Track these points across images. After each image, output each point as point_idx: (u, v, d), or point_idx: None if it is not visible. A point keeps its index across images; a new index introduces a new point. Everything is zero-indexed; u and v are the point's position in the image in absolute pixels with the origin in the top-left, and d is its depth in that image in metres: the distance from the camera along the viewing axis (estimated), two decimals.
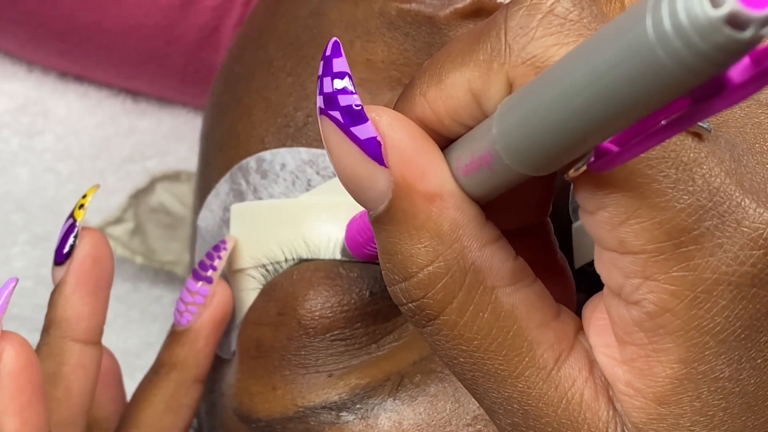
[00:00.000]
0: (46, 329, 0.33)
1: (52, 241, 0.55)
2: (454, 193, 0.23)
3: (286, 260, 0.37)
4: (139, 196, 0.57)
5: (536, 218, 0.26)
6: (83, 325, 0.33)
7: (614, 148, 0.20)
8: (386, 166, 0.23)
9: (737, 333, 0.22)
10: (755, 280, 0.21)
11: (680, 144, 0.21)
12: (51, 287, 0.34)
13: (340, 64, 0.23)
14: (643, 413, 0.22)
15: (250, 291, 0.38)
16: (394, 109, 0.24)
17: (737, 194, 0.21)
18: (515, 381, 0.23)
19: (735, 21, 0.16)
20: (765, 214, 0.21)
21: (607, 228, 0.22)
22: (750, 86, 0.17)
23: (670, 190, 0.21)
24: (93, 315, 0.33)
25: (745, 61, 0.17)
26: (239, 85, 0.41)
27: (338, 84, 0.23)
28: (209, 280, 0.37)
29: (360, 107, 0.23)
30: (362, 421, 0.34)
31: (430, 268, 0.23)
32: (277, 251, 0.37)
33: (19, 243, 0.56)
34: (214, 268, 0.37)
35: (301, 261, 0.36)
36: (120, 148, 0.58)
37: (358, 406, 0.34)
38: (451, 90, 0.23)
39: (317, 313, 0.35)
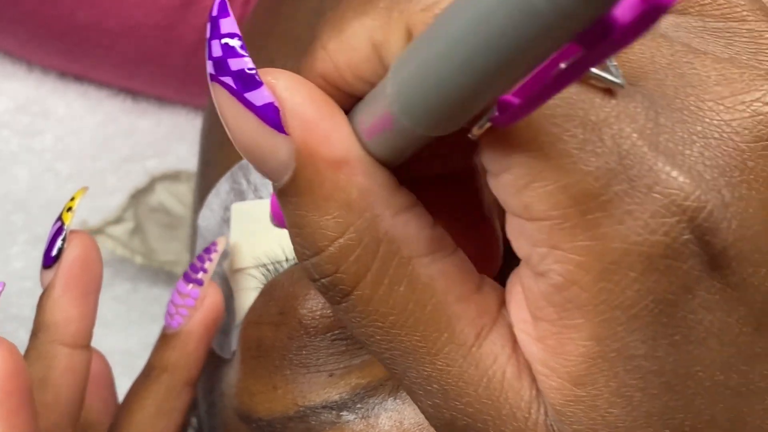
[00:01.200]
0: (35, 333, 0.33)
1: None
2: (362, 158, 0.21)
3: (287, 259, 0.37)
4: (138, 195, 0.57)
5: (462, 163, 0.24)
6: (72, 328, 0.33)
7: (515, 101, 0.18)
8: (286, 134, 0.21)
9: (650, 308, 0.20)
10: (668, 251, 0.19)
11: (589, 102, 0.19)
12: (41, 286, 0.34)
13: (228, 24, 0.21)
14: (559, 394, 0.21)
15: (250, 290, 0.38)
16: (301, 66, 0.22)
17: (650, 157, 0.19)
18: (434, 359, 0.21)
19: None
20: (680, 178, 0.19)
21: (511, 191, 0.20)
22: (637, 27, 0.16)
23: (576, 152, 0.19)
24: (82, 318, 0.33)
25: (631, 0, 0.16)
26: None
27: (227, 47, 0.21)
28: (200, 283, 0.37)
29: (253, 70, 0.21)
30: (363, 420, 0.34)
31: (341, 240, 0.21)
32: (278, 250, 0.37)
33: (18, 243, 0.56)
34: (205, 271, 0.37)
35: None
36: (120, 148, 0.58)
37: (358, 405, 0.34)
38: (351, 41, 0.21)
39: (318, 313, 0.34)
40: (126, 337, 0.56)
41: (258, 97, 0.21)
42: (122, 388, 0.41)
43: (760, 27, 0.22)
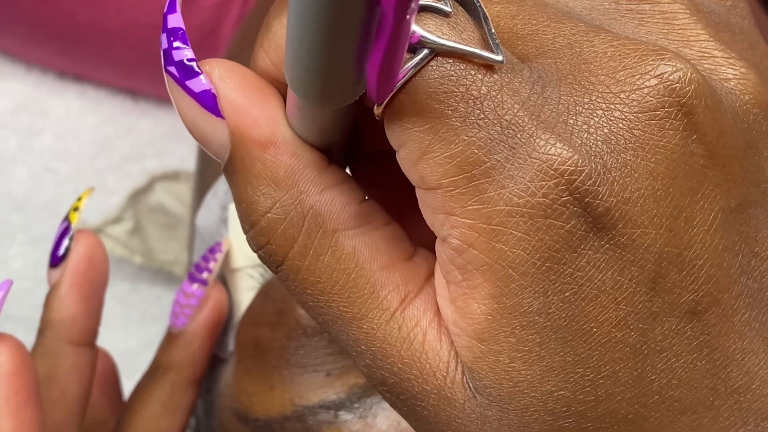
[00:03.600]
0: (42, 331, 0.33)
1: (50, 242, 0.55)
2: (288, 140, 0.23)
3: None
4: (138, 195, 0.57)
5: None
6: (78, 327, 0.33)
7: (373, 72, 0.20)
8: (222, 117, 0.23)
9: (538, 265, 0.21)
10: (548, 211, 0.21)
11: (471, 78, 0.21)
12: (48, 285, 0.34)
13: (174, 19, 0.23)
14: (469, 352, 0.22)
15: (248, 290, 0.38)
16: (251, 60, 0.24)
17: (530, 126, 0.21)
18: (359, 323, 0.23)
19: None
20: (557, 144, 0.21)
21: (409, 165, 0.22)
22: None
23: (459, 124, 0.21)
24: (88, 317, 0.33)
25: None
26: None
27: (172, 39, 0.23)
28: (204, 283, 0.37)
29: (192, 61, 0.23)
30: (360, 420, 0.34)
31: (270, 214, 0.23)
32: None
33: (17, 243, 0.56)
34: (210, 271, 0.37)
35: None
36: (119, 148, 0.58)
37: (356, 405, 0.34)
38: (276, 38, 0.23)
39: None
40: (125, 337, 0.56)
41: (196, 84, 0.23)
42: (122, 388, 0.41)
43: (673, 8, 0.23)
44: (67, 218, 0.34)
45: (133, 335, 0.57)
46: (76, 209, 0.34)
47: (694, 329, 0.22)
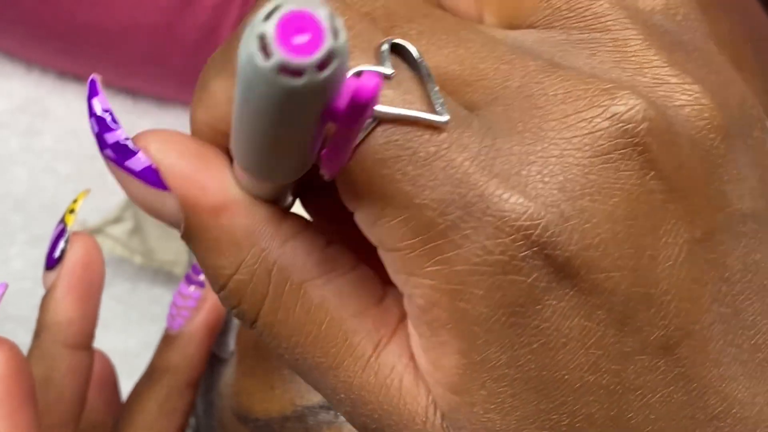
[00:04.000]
0: (38, 334, 0.33)
1: None
2: (239, 200, 0.23)
3: None
4: None
5: None
6: (74, 329, 0.33)
7: (325, 153, 0.20)
8: (169, 190, 0.23)
9: (502, 321, 0.21)
10: (507, 267, 0.21)
11: (417, 140, 0.21)
12: (43, 288, 0.34)
13: (99, 102, 0.23)
14: (444, 402, 0.22)
15: None
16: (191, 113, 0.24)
17: (481, 182, 0.21)
18: (336, 372, 0.23)
19: (288, 69, 0.16)
20: (511, 199, 0.21)
21: (365, 228, 0.22)
22: (351, 120, 0.18)
23: (409, 188, 0.21)
24: (84, 319, 0.33)
25: (348, 91, 0.17)
26: None
27: (101, 123, 0.23)
28: (201, 285, 0.37)
29: (127, 140, 0.23)
30: None
31: (236, 276, 0.23)
32: None
33: (17, 243, 0.56)
34: None
35: None
36: None
37: None
38: (215, 98, 0.23)
39: None
40: (125, 337, 0.56)
41: (136, 163, 0.23)
42: (121, 388, 0.41)
43: (626, 35, 0.22)
44: (62, 220, 0.34)
45: (133, 335, 0.56)
46: (71, 211, 0.34)
47: (668, 364, 0.22)
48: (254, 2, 0.54)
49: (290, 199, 0.25)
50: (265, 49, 0.16)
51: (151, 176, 0.23)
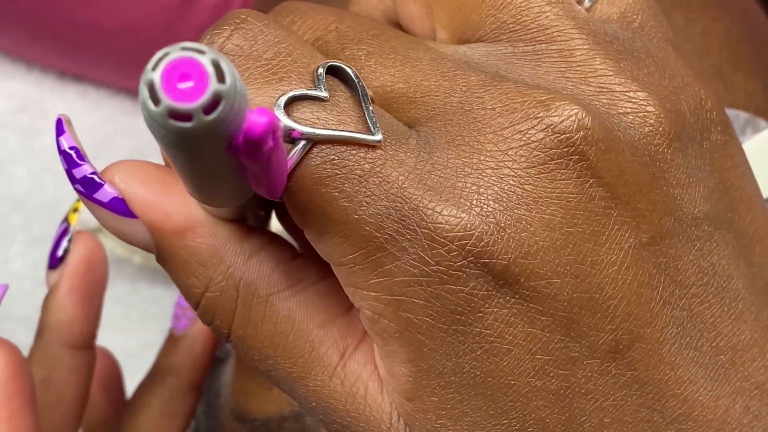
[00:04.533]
0: (39, 334, 0.33)
1: (50, 242, 0.55)
2: (202, 221, 0.24)
3: None
4: None
5: None
6: (76, 329, 0.33)
7: (259, 189, 0.21)
8: (136, 218, 0.24)
9: (444, 328, 0.22)
10: (444, 277, 0.21)
11: (352, 158, 0.21)
12: (46, 287, 0.34)
13: (65, 140, 0.24)
14: (401, 408, 0.23)
15: None
16: None
17: (416, 195, 0.21)
18: (305, 381, 0.24)
19: (177, 114, 0.17)
20: (445, 211, 0.21)
21: (313, 244, 0.23)
22: (250, 155, 0.18)
23: (346, 204, 0.21)
24: (86, 320, 0.33)
25: (243, 128, 0.18)
26: None
27: (69, 159, 0.24)
28: None
29: (93, 174, 0.24)
30: None
31: (207, 293, 0.24)
32: None
33: (17, 243, 0.56)
34: None
35: None
36: (119, 148, 0.58)
37: None
38: None
39: None
40: (125, 337, 0.56)
41: (103, 194, 0.24)
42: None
43: (570, 45, 0.23)
44: (66, 219, 0.34)
45: (133, 335, 0.56)
46: (75, 210, 0.34)
47: (619, 367, 0.22)
48: (253, 2, 0.54)
49: (261, 213, 0.26)
50: (154, 96, 0.17)
51: (119, 206, 0.24)
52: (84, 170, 0.24)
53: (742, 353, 0.23)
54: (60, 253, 0.33)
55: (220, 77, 0.17)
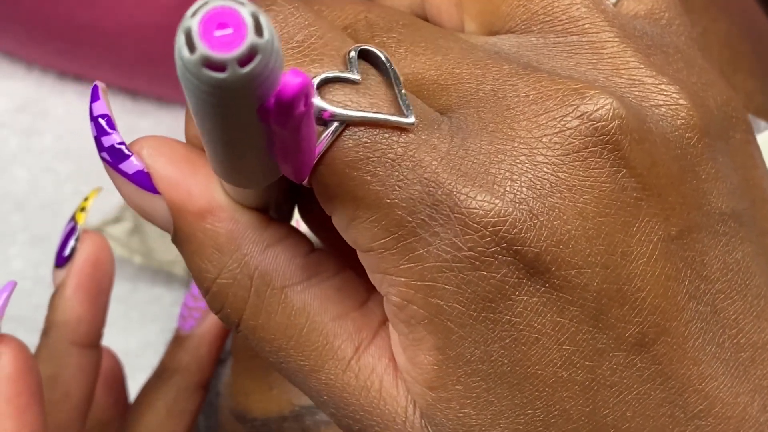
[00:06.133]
0: (46, 332, 0.33)
1: (51, 242, 0.55)
2: (224, 206, 0.24)
3: None
4: None
5: None
6: (83, 328, 0.33)
7: (288, 166, 0.21)
8: (159, 194, 0.24)
9: (474, 315, 0.22)
10: (476, 263, 0.21)
11: (385, 142, 0.21)
12: (50, 287, 0.34)
13: (98, 107, 0.24)
14: (422, 399, 0.23)
15: None
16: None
17: (450, 181, 0.21)
18: (317, 375, 0.24)
19: (212, 63, 0.17)
20: (478, 196, 0.21)
21: (341, 230, 0.22)
22: (280, 119, 0.18)
23: (379, 188, 0.21)
24: (93, 318, 0.33)
25: (276, 89, 0.18)
26: None
27: (99, 126, 0.24)
28: None
29: (121, 144, 0.24)
30: None
31: (219, 280, 0.24)
32: None
33: (17, 243, 0.56)
34: None
35: None
36: None
37: None
38: None
39: None
40: (126, 337, 0.56)
41: (129, 166, 0.24)
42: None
43: (601, 38, 0.23)
44: (73, 218, 0.34)
45: (133, 335, 0.56)
46: (83, 209, 0.34)
47: (644, 360, 0.22)
48: (256, 2, 0.54)
49: (284, 207, 0.26)
50: (190, 43, 0.17)
51: (143, 180, 0.24)
52: (113, 139, 0.24)
53: (762, 351, 0.23)
54: (67, 252, 0.34)
55: (258, 30, 0.17)
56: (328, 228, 0.25)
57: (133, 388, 0.39)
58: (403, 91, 0.22)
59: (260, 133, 0.19)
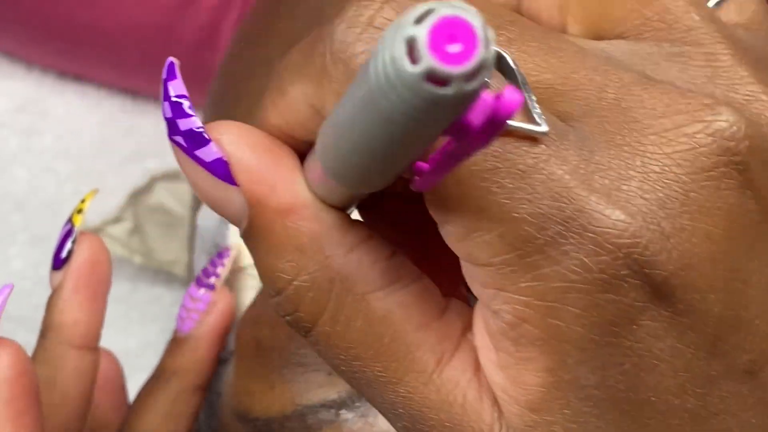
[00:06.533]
0: (44, 334, 0.33)
1: (50, 242, 0.55)
2: (309, 204, 0.22)
3: None
4: (138, 195, 0.56)
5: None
6: (80, 330, 0.33)
7: (426, 168, 0.19)
8: (237, 185, 0.22)
9: (597, 340, 0.20)
10: (606, 286, 0.20)
11: (515, 152, 0.20)
12: (50, 288, 0.34)
13: (176, 86, 0.22)
14: (519, 419, 0.21)
15: (248, 290, 0.38)
16: (259, 115, 0.23)
17: (582, 196, 0.20)
18: (396, 387, 0.22)
19: (434, 77, 0.15)
20: (612, 215, 0.20)
21: (454, 241, 0.21)
22: (483, 136, 0.17)
23: (507, 201, 0.20)
24: (90, 320, 0.33)
25: (484, 105, 0.16)
26: (239, 85, 0.41)
27: (176, 107, 0.22)
28: (212, 288, 0.37)
29: (201, 129, 0.22)
30: (361, 419, 0.34)
31: (296, 282, 0.22)
32: None
33: (17, 243, 0.56)
34: (217, 276, 0.37)
35: None
36: (119, 148, 0.58)
37: (357, 404, 0.34)
38: (293, 103, 0.22)
39: None
40: (126, 337, 0.56)
41: (207, 153, 0.22)
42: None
43: (717, 49, 0.22)
44: (70, 220, 0.34)
45: (133, 335, 0.56)
46: (79, 211, 0.34)
47: (751, 389, 0.22)
48: (254, 2, 0.54)
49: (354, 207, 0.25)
50: (412, 54, 0.15)
51: (221, 169, 0.22)
52: (192, 122, 0.22)
53: None
54: (64, 254, 0.33)
55: (486, 44, 0.15)
56: (389, 227, 0.24)
57: (133, 389, 0.39)
58: (533, 98, 0.20)
59: (427, 143, 0.18)
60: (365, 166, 0.19)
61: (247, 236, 0.22)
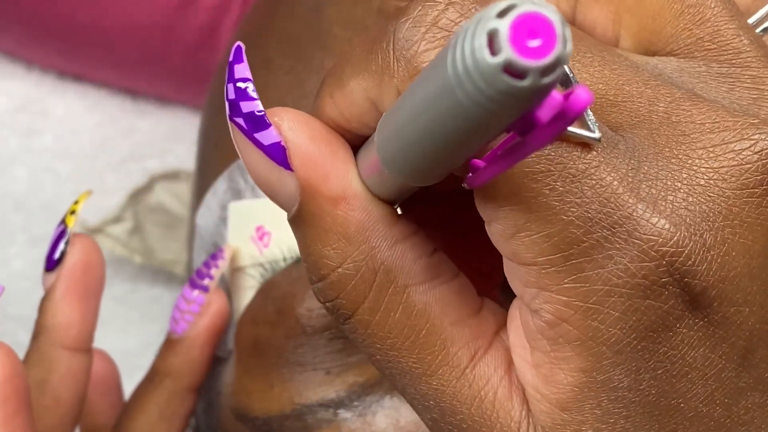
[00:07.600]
0: (36, 336, 0.33)
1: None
2: (359, 195, 0.23)
3: (284, 259, 0.37)
4: (138, 195, 0.57)
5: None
6: (73, 332, 0.33)
7: (481, 164, 0.20)
8: (292, 170, 0.23)
9: (633, 344, 0.21)
10: (647, 292, 0.21)
11: (568, 156, 0.21)
12: (43, 289, 0.34)
13: (241, 70, 0.23)
14: (548, 417, 0.22)
15: (247, 289, 0.38)
16: (313, 106, 0.24)
17: (630, 204, 0.21)
18: (429, 379, 0.23)
19: (512, 69, 0.16)
20: (658, 224, 0.21)
21: (500, 239, 0.22)
22: (549, 132, 0.17)
23: (557, 203, 0.21)
24: (83, 322, 0.33)
25: (554, 101, 0.17)
26: None
27: (240, 90, 0.23)
28: (205, 289, 0.37)
29: (262, 113, 0.23)
30: (360, 418, 0.34)
31: (340, 269, 0.23)
32: (276, 250, 0.37)
33: (17, 243, 0.56)
34: (211, 277, 0.37)
35: (300, 260, 0.36)
36: (119, 148, 0.58)
37: (355, 403, 0.34)
38: (351, 97, 0.23)
39: (316, 312, 0.35)
40: (125, 337, 0.56)
41: (266, 137, 0.23)
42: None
43: (763, 73, 0.23)
44: (63, 221, 0.34)
45: (133, 335, 0.56)
46: (72, 212, 0.34)
47: None
48: (253, 2, 0.54)
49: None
50: (493, 45, 0.16)
51: (277, 153, 0.23)
52: (254, 105, 0.23)
53: None
54: (57, 255, 0.33)
55: (564, 41, 0.16)
56: (429, 228, 0.24)
57: (132, 388, 0.39)
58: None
59: (493, 139, 0.19)
60: (427, 157, 0.20)
61: (296, 221, 0.23)
